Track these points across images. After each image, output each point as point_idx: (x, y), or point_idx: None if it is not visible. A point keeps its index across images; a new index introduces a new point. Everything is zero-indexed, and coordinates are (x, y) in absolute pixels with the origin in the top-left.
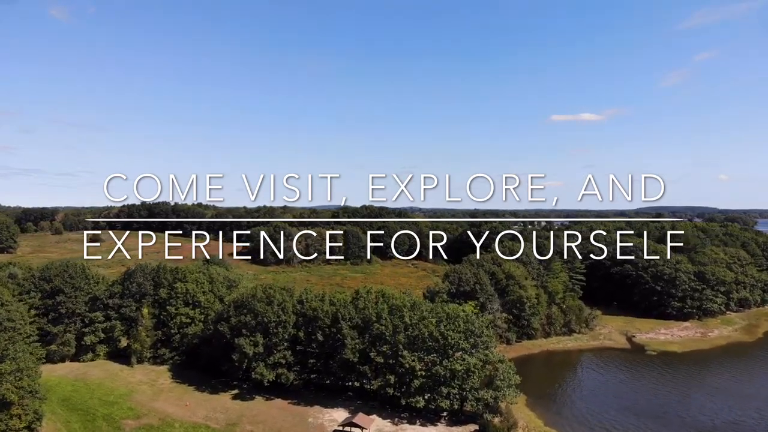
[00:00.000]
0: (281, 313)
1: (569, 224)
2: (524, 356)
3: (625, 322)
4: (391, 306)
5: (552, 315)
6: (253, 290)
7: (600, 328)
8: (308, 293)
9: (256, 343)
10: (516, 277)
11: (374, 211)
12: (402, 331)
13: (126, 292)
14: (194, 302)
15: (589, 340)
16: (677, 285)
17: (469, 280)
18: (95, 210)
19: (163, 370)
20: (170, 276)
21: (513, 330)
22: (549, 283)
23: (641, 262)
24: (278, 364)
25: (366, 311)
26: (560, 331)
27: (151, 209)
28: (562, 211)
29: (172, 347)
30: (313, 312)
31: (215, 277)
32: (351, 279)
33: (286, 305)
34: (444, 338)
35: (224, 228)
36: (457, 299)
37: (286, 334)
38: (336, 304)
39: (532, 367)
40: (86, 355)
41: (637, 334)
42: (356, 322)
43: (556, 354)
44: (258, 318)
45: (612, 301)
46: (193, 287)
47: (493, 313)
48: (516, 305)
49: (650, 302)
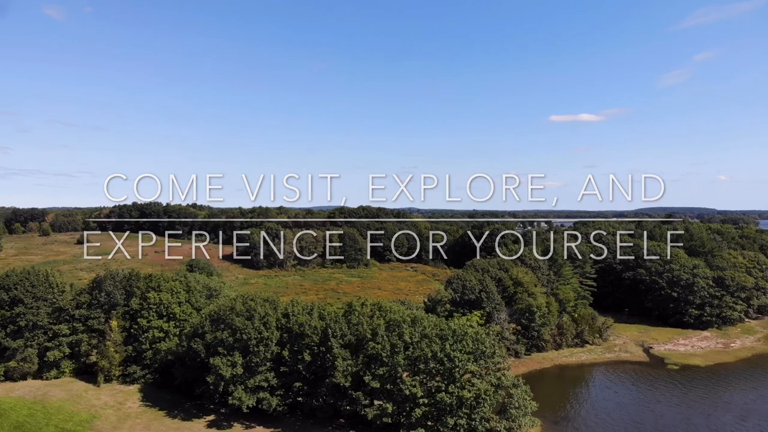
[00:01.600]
0: (263, 328)
1: (575, 225)
2: (535, 371)
3: (640, 332)
4: (389, 321)
5: (563, 325)
6: (231, 302)
7: (614, 338)
8: (294, 306)
9: (234, 364)
10: (524, 284)
11: (372, 212)
12: (401, 351)
13: (94, 302)
14: (169, 314)
15: (603, 353)
16: (695, 291)
17: (474, 288)
18: (87, 211)
19: (132, 391)
20: (143, 284)
21: (522, 342)
22: (559, 290)
23: (655, 266)
24: (259, 387)
25: (360, 327)
26: (572, 343)
27: (142, 210)
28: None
29: (143, 364)
30: (299, 328)
31: (193, 285)
32: (347, 284)
33: (269, 320)
34: (450, 360)
35: (217, 229)
36: (460, 309)
37: (269, 353)
38: (326, 318)
39: (545, 385)
40: (50, 372)
41: (654, 345)
42: (349, 339)
43: (569, 368)
44: (236, 334)
45: (622, 308)
46: (168, 297)
47: (501, 323)
48: (525, 315)
49: (665, 309)
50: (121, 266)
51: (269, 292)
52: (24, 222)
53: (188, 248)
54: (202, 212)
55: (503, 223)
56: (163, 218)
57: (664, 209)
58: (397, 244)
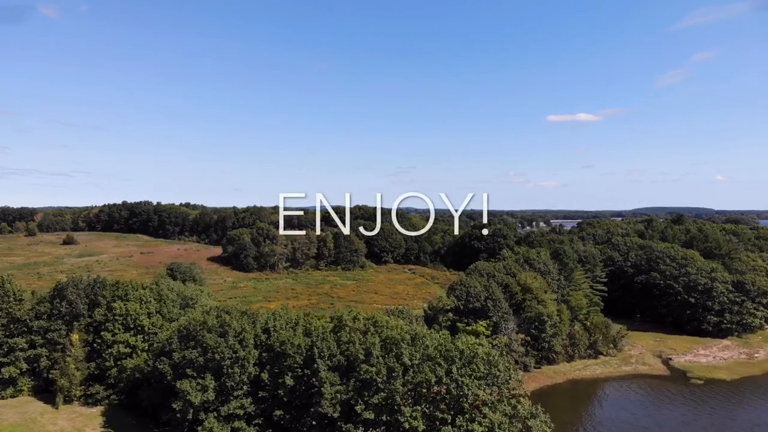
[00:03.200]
0: (239, 347)
1: (580, 225)
2: (546, 388)
3: (656, 341)
4: (385, 339)
5: (575, 335)
6: (203, 316)
7: (629, 348)
8: (276, 319)
9: (205, 388)
10: (534, 290)
11: (368, 212)
12: (399, 376)
13: (55, 312)
14: (137, 326)
15: (619, 365)
16: (714, 297)
17: (479, 295)
18: (77, 210)
19: (94, 414)
20: (109, 292)
21: (531, 354)
22: (571, 296)
23: (669, 269)
24: (234, 416)
25: (351, 347)
26: (585, 354)
27: (132, 209)
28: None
29: (107, 384)
30: (281, 346)
31: (166, 293)
32: (341, 287)
33: (245, 336)
34: (458, 387)
35: (208, 230)
36: (464, 318)
37: (245, 375)
38: (312, 334)
39: (557, 403)
40: (6, 391)
41: (673, 356)
42: (338, 361)
43: (583, 384)
44: (208, 354)
45: (633, 314)
46: (136, 307)
47: (508, 334)
48: (534, 324)
49: (681, 316)
50: (104, 268)
51: (258, 296)
52: (12, 222)
53: (176, 249)
54: (195, 212)
55: (505, 224)
56: (153, 218)
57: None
58: (394, 245)
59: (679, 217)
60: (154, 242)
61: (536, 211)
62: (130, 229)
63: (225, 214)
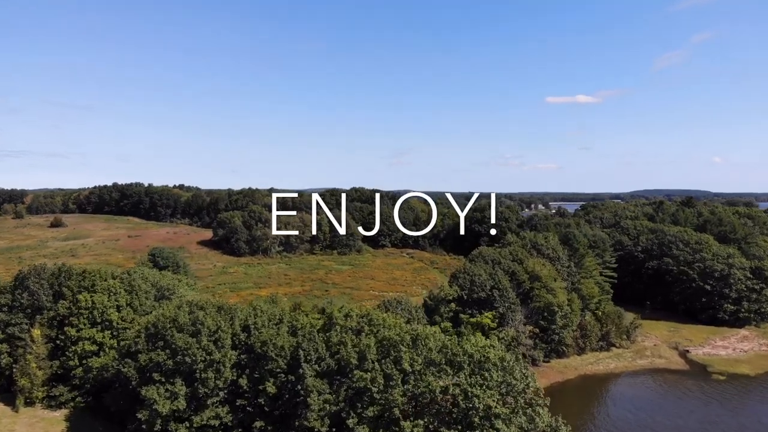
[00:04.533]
0: (213, 348)
1: (587, 208)
2: (557, 385)
3: (670, 330)
4: (382, 340)
5: (586, 326)
6: (173, 311)
7: (642, 339)
8: (257, 315)
9: (175, 395)
10: (542, 278)
11: (366, 194)
12: (398, 385)
13: (15, 304)
14: (104, 321)
15: (633, 358)
16: (731, 284)
17: (484, 284)
18: (68, 192)
19: (57, 419)
20: (75, 283)
21: (540, 347)
22: (582, 284)
23: (683, 254)
24: (208, 426)
25: (342, 349)
26: (596, 346)
27: (123, 191)
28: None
29: (72, 385)
30: (262, 347)
31: (138, 284)
32: (336, 273)
33: (221, 336)
34: (466, 398)
35: (200, 212)
36: (468, 309)
37: (221, 380)
38: (298, 333)
39: (570, 403)
40: None
41: (690, 348)
42: (327, 365)
43: (596, 380)
44: (178, 356)
45: (643, 301)
46: (103, 300)
47: (516, 326)
48: (543, 315)
49: (694, 303)
50: (89, 252)
51: (248, 282)
52: (0, 204)
53: (165, 233)
54: (187, 194)
55: (507, 207)
56: (144, 200)
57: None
58: (392, 228)
59: (689, 199)
60: (145, 225)
61: (534, 193)
62: (121, 212)
63: (218, 196)
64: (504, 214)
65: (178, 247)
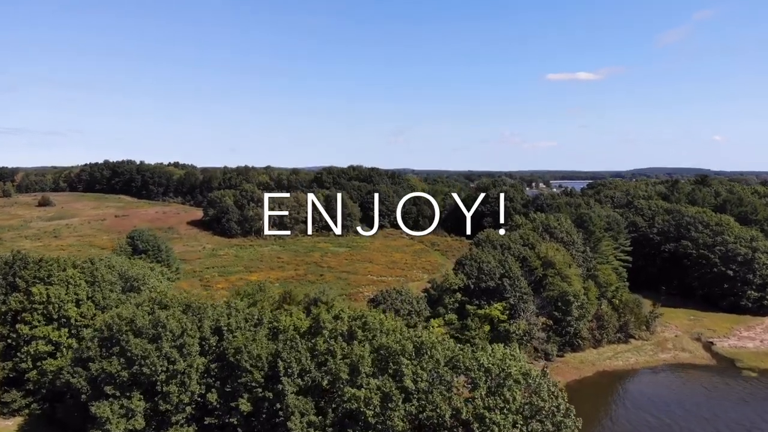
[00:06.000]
0: (177, 356)
1: (597, 187)
2: (573, 383)
3: (690, 319)
4: (378, 349)
5: (603, 316)
6: (131, 311)
7: (661, 329)
8: (231, 315)
9: (131, 412)
10: (556, 265)
11: (364, 173)
12: (399, 407)
13: None
14: (61, 317)
15: (655, 351)
16: (755, 269)
17: (493, 272)
18: (57, 170)
19: (9, 428)
20: (30, 273)
21: (553, 340)
22: (599, 270)
23: (703, 237)
24: None
25: (331, 361)
26: (613, 338)
27: (114, 169)
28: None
29: (26, 390)
30: (235, 356)
31: (102, 274)
32: (333, 255)
33: (187, 341)
34: (483, 426)
35: (193, 191)
36: (475, 299)
37: (187, 395)
38: (280, 339)
39: (589, 405)
40: None
41: (715, 340)
42: (312, 380)
43: (616, 377)
44: (134, 366)
45: (657, 286)
46: (60, 293)
47: (528, 317)
48: (557, 305)
49: (714, 290)
50: (73, 233)
51: (239, 266)
52: None
53: (154, 212)
54: (181, 171)
55: (512, 186)
56: (136, 178)
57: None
58: (391, 209)
59: (704, 177)
60: (136, 204)
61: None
62: (113, 190)
63: (212, 174)
64: (508, 194)
65: (167, 228)
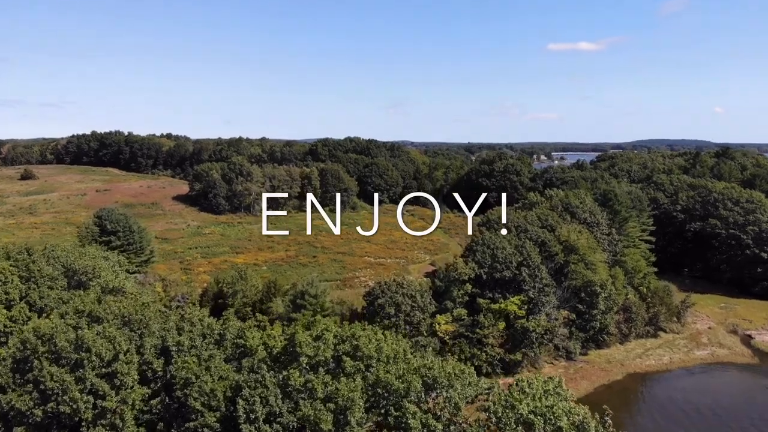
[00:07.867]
0: (107, 389)
1: (612, 160)
2: (601, 388)
3: (721, 307)
4: (374, 386)
5: (631, 307)
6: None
7: (692, 320)
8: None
9: None
10: (580, 250)
11: (361, 145)
12: None
13: None
14: None
15: (689, 347)
16: None
17: (509, 260)
18: (44, 142)
19: None
20: None
21: (576, 336)
22: (626, 255)
23: (732, 215)
24: None
25: (306, 407)
26: (642, 332)
27: (102, 140)
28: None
29: None
30: (184, 389)
31: (40, 268)
32: (327, 234)
33: (119, 369)
34: None
35: (183, 163)
36: (488, 291)
37: None
38: (245, 365)
39: (620, 417)
40: None
41: (752, 333)
42: (282, 426)
43: (648, 381)
44: (50, 402)
45: (680, 268)
46: None
47: (550, 311)
48: (581, 296)
49: (746, 274)
50: (50, 209)
51: (224, 246)
52: None
53: (138, 186)
54: (171, 143)
55: (518, 158)
56: (124, 149)
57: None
58: (390, 183)
59: (726, 150)
60: (124, 177)
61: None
62: (101, 162)
63: (203, 146)
64: (514, 167)
65: (150, 204)
